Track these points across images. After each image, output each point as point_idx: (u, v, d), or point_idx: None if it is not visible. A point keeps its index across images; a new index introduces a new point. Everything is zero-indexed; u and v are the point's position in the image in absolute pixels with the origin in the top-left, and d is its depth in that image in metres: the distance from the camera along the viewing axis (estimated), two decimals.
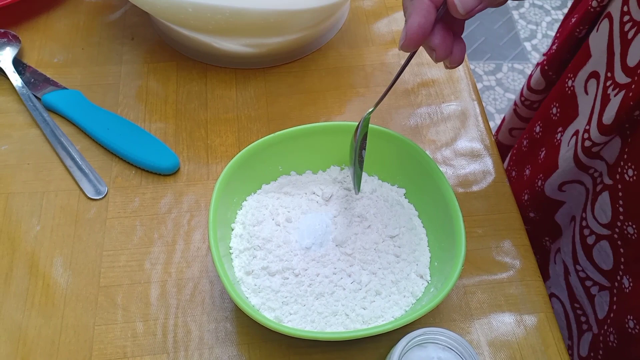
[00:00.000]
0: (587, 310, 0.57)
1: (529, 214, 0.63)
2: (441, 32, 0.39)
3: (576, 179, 0.56)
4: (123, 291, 0.48)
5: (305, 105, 0.60)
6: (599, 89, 0.51)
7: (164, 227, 0.51)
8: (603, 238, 0.52)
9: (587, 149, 0.52)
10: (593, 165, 0.53)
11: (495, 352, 0.46)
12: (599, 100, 0.51)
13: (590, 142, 0.51)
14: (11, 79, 0.58)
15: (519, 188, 0.65)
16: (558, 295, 0.61)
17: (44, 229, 0.51)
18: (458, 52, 0.40)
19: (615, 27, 0.49)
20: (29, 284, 0.48)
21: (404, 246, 0.47)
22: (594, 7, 0.55)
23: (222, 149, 0.56)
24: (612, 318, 0.52)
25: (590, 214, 0.53)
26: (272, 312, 0.44)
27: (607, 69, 0.50)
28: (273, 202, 0.49)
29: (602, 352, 0.54)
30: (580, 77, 0.55)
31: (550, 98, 0.61)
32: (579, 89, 0.55)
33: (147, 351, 0.45)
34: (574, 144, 0.54)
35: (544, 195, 0.60)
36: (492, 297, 0.49)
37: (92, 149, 0.56)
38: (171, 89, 0.60)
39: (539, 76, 0.66)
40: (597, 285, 0.55)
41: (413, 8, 0.38)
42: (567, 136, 0.56)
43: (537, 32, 1.85)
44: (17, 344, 0.45)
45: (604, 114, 0.50)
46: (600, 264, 0.53)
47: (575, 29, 0.58)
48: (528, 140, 0.66)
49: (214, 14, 0.52)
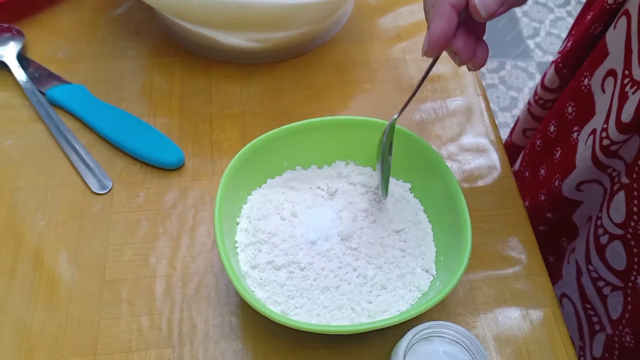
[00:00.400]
0: (599, 310, 0.56)
1: (546, 214, 0.62)
2: (463, 36, 0.39)
3: (594, 178, 0.55)
4: (128, 286, 0.48)
5: (310, 101, 0.60)
6: (617, 87, 0.51)
7: (169, 221, 0.51)
8: (616, 238, 0.51)
9: (605, 147, 0.51)
10: (611, 165, 0.52)
11: (502, 346, 0.46)
12: (617, 98, 0.50)
13: (608, 140, 0.50)
14: (15, 74, 0.58)
15: (534, 188, 0.64)
16: (570, 296, 0.61)
17: (49, 223, 0.51)
18: (481, 54, 0.40)
19: (634, 25, 0.49)
20: (34, 278, 0.48)
21: (409, 241, 0.47)
22: (609, 4, 0.54)
23: (226, 144, 0.56)
24: (627, 318, 0.52)
25: (606, 214, 0.52)
26: (278, 306, 0.44)
27: (624, 67, 0.50)
28: (278, 196, 0.49)
29: (618, 352, 0.53)
30: (597, 75, 0.54)
31: (565, 97, 0.61)
32: (595, 87, 0.54)
33: (153, 345, 0.45)
34: (592, 143, 0.53)
35: (561, 196, 0.59)
36: (498, 292, 0.49)
37: (96, 143, 0.55)
38: (176, 84, 0.60)
39: (553, 74, 0.65)
40: (609, 285, 0.54)
41: (435, 14, 0.38)
42: (584, 135, 0.55)
43: (541, 30, 1.84)
44: (22, 338, 0.45)
45: (623, 112, 0.49)
46: (613, 264, 0.53)
47: (590, 27, 0.57)
48: (542, 140, 0.65)
49: (219, 7, 0.52)
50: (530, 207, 0.63)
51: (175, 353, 0.45)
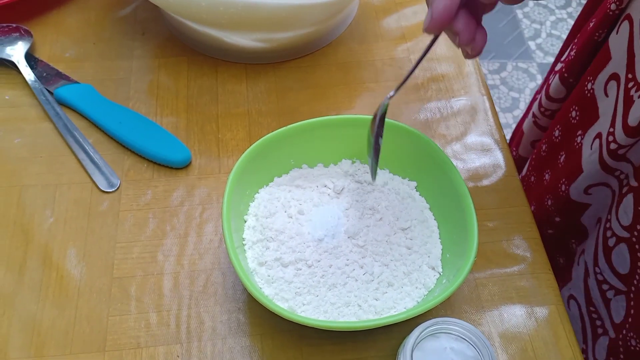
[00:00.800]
0: (602, 313, 0.56)
1: (555, 218, 0.62)
2: (465, 16, 0.39)
3: (602, 181, 0.55)
4: (136, 282, 0.48)
5: (315, 100, 0.60)
6: (620, 90, 0.51)
7: (176, 219, 0.52)
8: (622, 241, 0.51)
9: (612, 151, 0.51)
10: (619, 168, 0.52)
11: (507, 344, 0.46)
12: (621, 102, 0.50)
13: (616, 144, 0.51)
14: (24, 73, 0.59)
15: (540, 193, 0.64)
16: (576, 297, 0.60)
17: (57, 221, 0.51)
18: (480, 38, 0.40)
19: (636, 29, 0.49)
20: (43, 275, 0.48)
21: (415, 238, 0.48)
22: (612, 9, 0.54)
23: (233, 143, 0.57)
24: (631, 322, 0.52)
25: (615, 216, 0.52)
26: (286, 303, 0.44)
27: (627, 71, 0.50)
28: (285, 194, 0.50)
29: (623, 356, 0.53)
30: (600, 79, 0.54)
31: (569, 102, 0.60)
32: (598, 91, 0.54)
33: (161, 341, 0.46)
34: (598, 146, 0.53)
35: (569, 199, 0.59)
36: (503, 289, 0.49)
37: (104, 142, 0.56)
38: (182, 84, 0.61)
39: (558, 84, 0.64)
40: (613, 289, 0.54)
41: None
42: (589, 139, 0.56)
43: (542, 31, 1.85)
44: (31, 334, 0.46)
45: (629, 115, 0.49)
46: (618, 268, 0.53)
47: (594, 33, 0.57)
48: (547, 145, 0.65)
49: (226, 7, 0.52)
50: (537, 212, 0.63)
51: (183, 349, 0.45)
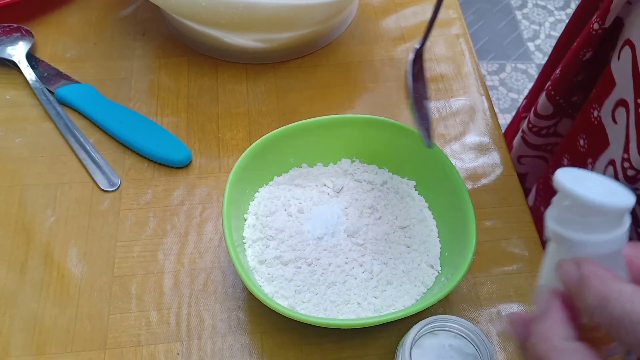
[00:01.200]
0: None
1: None
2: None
3: None
4: (137, 281, 0.48)
5: (315, 100, 0.60)
6: (631, 116, 0.51)
7: (177, 218, 0.52)
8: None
9: (630, 177, 0.51)
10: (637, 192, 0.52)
11: (505, 341, 0.47)
12: (633, 127, 0.50)
13: (633, 170, 0.50)
14: (25, 73, 0.59)
15: None
16: None
17: (59, 220, 0.51)
18: None
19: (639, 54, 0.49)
20: (44, 274, 0.49)
21: (414, 237, 0.48)
22: (595, 29, 0.55)
23: (233, 143, 0.57)
24: None
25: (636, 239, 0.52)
26: (285, 300, 0.44)
27: (635, 96, 0.49)
28: (285, 193, 0.50)
29: None
30: (607, 106, 0.54)
31: (575, 130, 0.60)
32: (606, 119, 0.54)
33: (161, 339, 0.46)
34: (613, 173, 0.53)
35: None
36: (502, 287, 0.49)
37: (105, 142, 0.56)
38: (183, 84, 0.61)
39: (545, 101, 0.64)
40: None
41: None
42: (600, 166, 0.55)
43: (540, 33, 1.85)
44: (32, 333, 0.46)
45: None
46: None
47: (579, 52, 0.58)
48: None
49: (227, 8, 0.53)
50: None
51: (183, 347, 0.46)
